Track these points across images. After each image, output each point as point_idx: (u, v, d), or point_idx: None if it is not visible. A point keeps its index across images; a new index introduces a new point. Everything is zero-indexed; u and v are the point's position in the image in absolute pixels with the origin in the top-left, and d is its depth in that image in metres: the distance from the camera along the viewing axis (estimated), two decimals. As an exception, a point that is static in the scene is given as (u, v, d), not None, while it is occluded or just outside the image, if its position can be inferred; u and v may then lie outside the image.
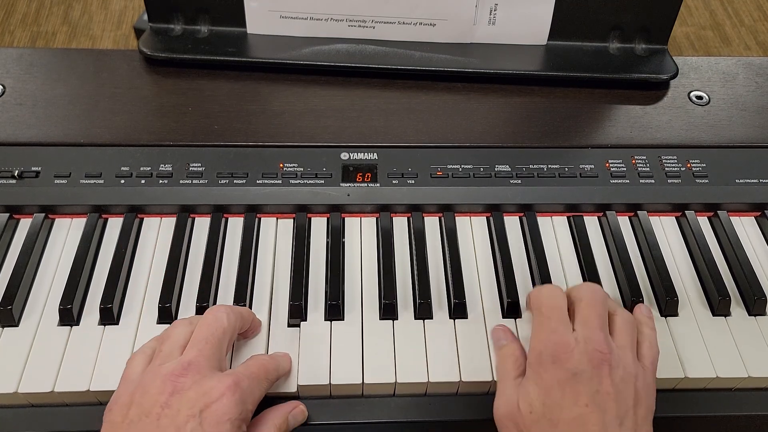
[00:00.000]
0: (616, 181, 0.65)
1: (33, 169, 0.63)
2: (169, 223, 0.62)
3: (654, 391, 0.49)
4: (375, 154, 0.66)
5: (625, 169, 0.66)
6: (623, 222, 0.64)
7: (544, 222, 0.64)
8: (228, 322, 0.49)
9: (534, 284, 0.59)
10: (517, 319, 0.57)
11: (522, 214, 0.64)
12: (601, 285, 0.58)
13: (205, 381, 0.45)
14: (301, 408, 0.51)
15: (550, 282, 0.58)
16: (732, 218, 0.65)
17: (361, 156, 0.66)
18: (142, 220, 0.62)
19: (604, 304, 0.51)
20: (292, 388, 0.52)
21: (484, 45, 0.77)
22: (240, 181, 0.63)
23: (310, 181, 0.63)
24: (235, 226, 0.62)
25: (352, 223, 0.63)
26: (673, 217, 0.65)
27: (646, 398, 0.48)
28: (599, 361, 0.47)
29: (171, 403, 0.44)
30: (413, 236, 0.61)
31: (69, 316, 0.54)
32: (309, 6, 0.74)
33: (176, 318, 0.56)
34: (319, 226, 0.63)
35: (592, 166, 0.66)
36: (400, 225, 0.63)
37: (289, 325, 0.56)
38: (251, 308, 0.56)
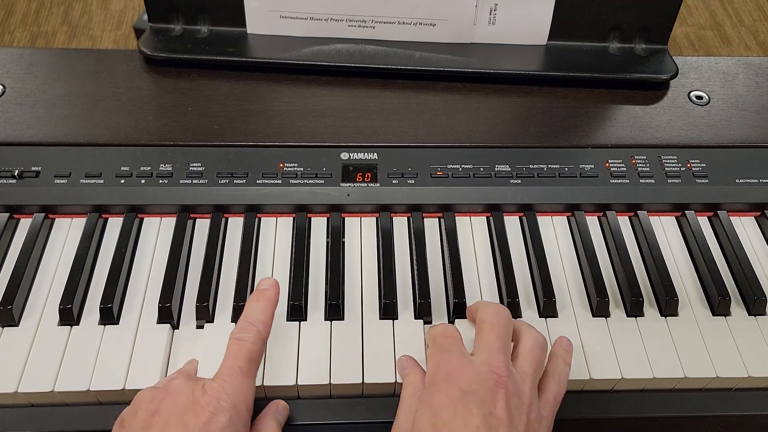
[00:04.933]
0: (616, 181, 0.65)
1: (33, 169, 0.63)
2: (169, 223, 0.62)
3: (548, 427, 0.47)
4: (375, 154, 0.66)
5: (625, 169, 0.66)
6: (623, 222, 0.64)
7: (544, 222, 0.64)
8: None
9: (534, 284, 0.59)
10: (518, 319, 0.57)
11: (522, 214, 0.64)
12: (604, 284, 0.58)
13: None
14: (283, 404, 0.51)
15: (550, 281, 0.58)
16: (732, 218, 0.65)
17: (361, 156, 0.66)
18: (142, 220, 0.62)
19: (508, 326, 0.49)
20: (292, 392, 0.52)
21: (484, 45, 0.77)
22: (240, 181, 0.63)
23: (310, 181, 0.63)
24: (235, 226, 0.62)
25: (352, 223, 0.63)
26: (673, 217, 0.65)
27: None
28: (494, 383, 0.44)
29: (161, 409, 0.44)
30: (413, 236, 0.61)
31: (69, 315, 0.54)
32: (309, 6, 0.74)
33: (176, 318, 0.56)
34: (319, 226, 0.63)
35: (592, 166, 0.66)
36: (400, 225, 0.63)
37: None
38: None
